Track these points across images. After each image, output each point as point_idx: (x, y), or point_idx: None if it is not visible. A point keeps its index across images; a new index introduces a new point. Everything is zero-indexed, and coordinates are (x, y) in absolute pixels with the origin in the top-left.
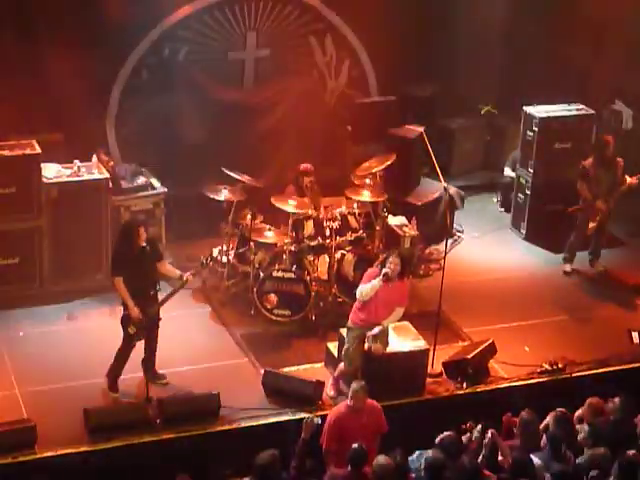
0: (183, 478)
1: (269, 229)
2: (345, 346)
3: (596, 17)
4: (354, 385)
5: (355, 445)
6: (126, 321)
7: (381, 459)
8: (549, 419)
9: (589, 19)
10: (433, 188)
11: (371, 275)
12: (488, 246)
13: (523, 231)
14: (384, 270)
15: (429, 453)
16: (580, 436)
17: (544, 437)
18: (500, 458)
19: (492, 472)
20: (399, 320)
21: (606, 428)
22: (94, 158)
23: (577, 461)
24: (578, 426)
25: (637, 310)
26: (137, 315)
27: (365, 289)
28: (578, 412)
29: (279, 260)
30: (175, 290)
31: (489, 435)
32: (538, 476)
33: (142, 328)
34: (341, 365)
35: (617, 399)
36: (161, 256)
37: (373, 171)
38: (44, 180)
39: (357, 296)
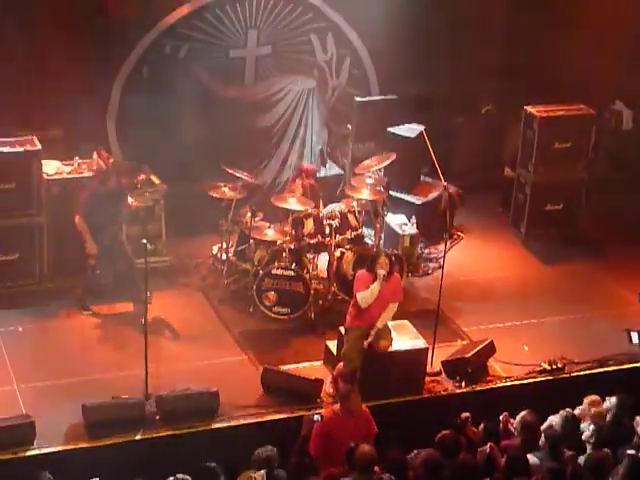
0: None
1: (269, 227)
2: (345, 346)
3: (597, 17)
4: (346, 389)
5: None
6: None
7: (366, 447)
8: (556, 418)
9: (590, 19)
10: (433, 187)
11: (362, 279)
12: (487, 245)
13: (523, 230)
14: (380, 274)
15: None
16: (584, 435)
17: (543, 437)
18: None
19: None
20: (397, 318)
21: (606, 427)
22: (94, 155)
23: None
24: (582, 425)
25: (636, 310)
26: None
27: (365, 297)
28: (576, 411)
29: (279, 258)
30: None
31: (488, 449)
32: (534, 475)
33: None
34: (340, 364)
35: (614, 398)
36: None
37: (373, 170)
38: (44, 177)
39: (359, 303)
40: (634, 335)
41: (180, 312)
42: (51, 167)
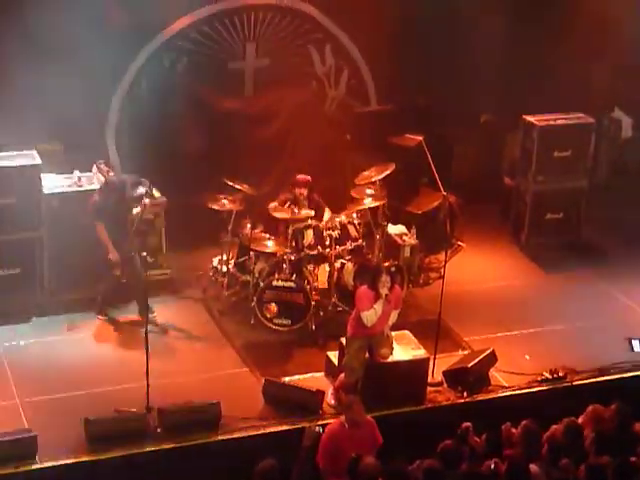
0: None
1: (269, 238)
2: (346, 357)
3: (595, 25)
4: (349, 400)
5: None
6: None
7: (370, 459)
8: (559, 427)
9: (588, 27)
10: (433, 197)
11: (366, 296)
12: (488, 255)
13: (523, 239)
14: (383, 293)
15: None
16: (586, 444)
17: (545, 446)
18: None
19: None
20: (398, 328)
21: (608, 436)
22: (94, 168)
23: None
24: (584, 433)
25: (637, 318)
26: None
27: (370, 317)
28: (579, 420)
29: (279, 269)
30: None
31: (492, 464)
32: None
33: None
34: (342, 376)
35: (613, 406)
36: None
37: (372, 180)
38: (44, 190)
39: (364, 322)
40: (635, 343)
41: (181, 324)
42: (51, 181)
